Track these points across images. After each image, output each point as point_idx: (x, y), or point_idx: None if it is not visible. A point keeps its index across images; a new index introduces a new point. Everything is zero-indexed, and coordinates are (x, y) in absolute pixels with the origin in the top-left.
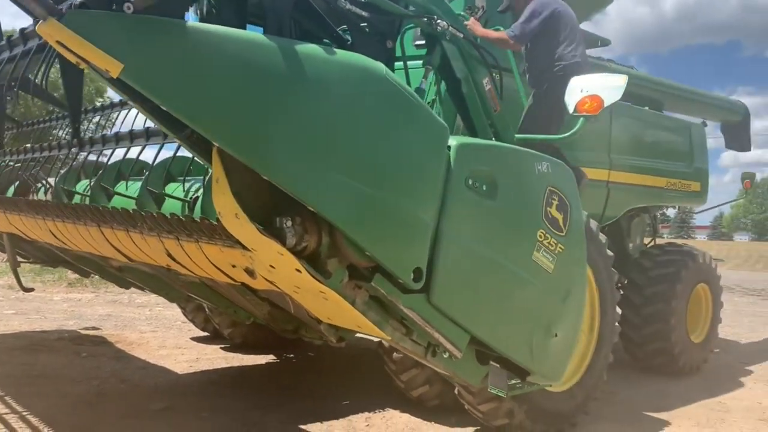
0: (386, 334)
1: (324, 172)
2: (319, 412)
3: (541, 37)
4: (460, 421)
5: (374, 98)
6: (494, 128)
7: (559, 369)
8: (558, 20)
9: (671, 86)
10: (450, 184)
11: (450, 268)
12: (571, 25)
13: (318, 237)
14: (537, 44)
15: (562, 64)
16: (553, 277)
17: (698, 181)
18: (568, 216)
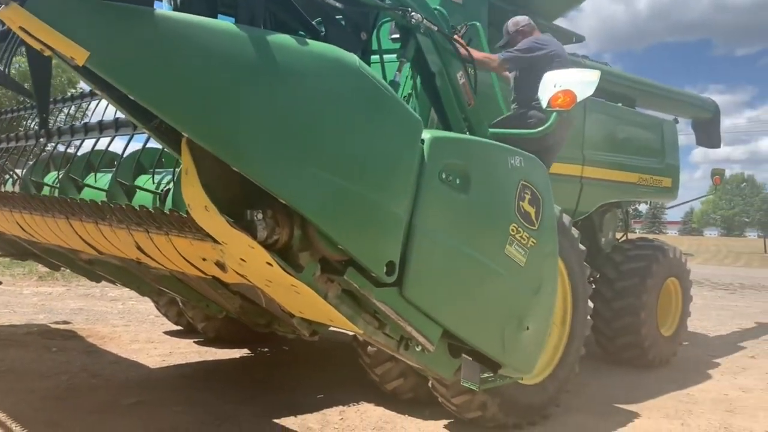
0: (359, 327)
1: (296, 164)
2: (294, 406)
3: (532, 72)
4: (434, 413)
5: (347, 90)
6: (468, 122)
7: (531, 362)
8: (551, 61)
9: (644, 83)
10: (423, 178)
11: (423, 261)
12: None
13: (290, 230)
14: (527, 78)
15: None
16: (525, 271)
17: (669, 177)
18: (541, 210)
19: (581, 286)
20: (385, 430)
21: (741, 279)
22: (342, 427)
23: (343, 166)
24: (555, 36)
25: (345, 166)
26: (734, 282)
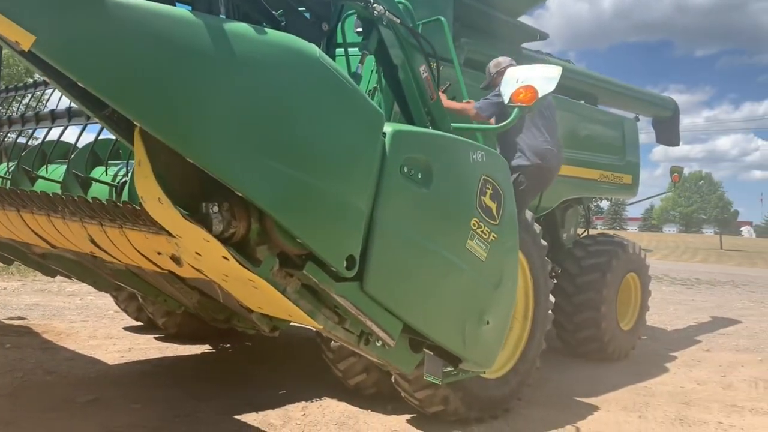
0: (318, 322)
1: (253, 156)
2: (255, 402)
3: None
4: (397, 408)
5: (306, 81)
6: (431, 116)
7: (491, 356)
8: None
9: (606, 81)
10: (385, 171)
11: (384, 255)
12: (547, 115)
13: (247, 223)
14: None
15: (534, 148)
16: (486, 265)
17: (630, 174)
18: (502, 205)
19: (543, 281)
20: (347, 425)
21: (698, 274)
22: (304, 423)
23: (302, 159)
24: (519, 33)
25: (304, 158)
26: (691, 277)
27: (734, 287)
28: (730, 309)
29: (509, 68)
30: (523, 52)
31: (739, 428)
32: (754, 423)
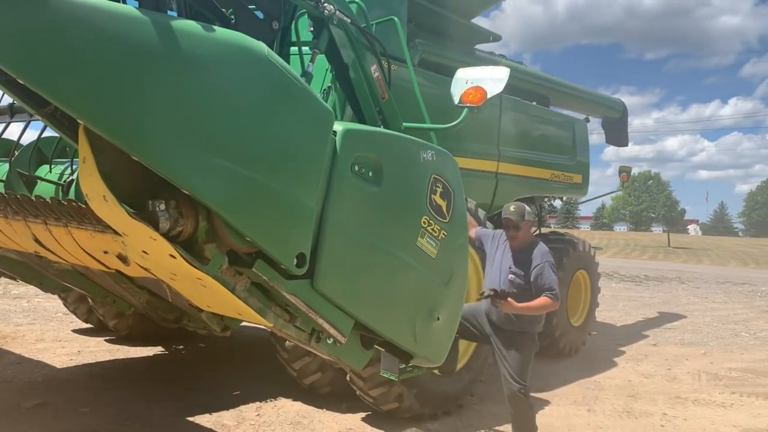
0: (268, 321)
1: (200, 154)
2: (209, 404)
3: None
4: (352, 407)
5: (254, 79)
6: (382, 115)
7: (441, 351)
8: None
9: (557, 83)
10: (335, 170)
11: (334, 253)
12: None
13: (194, 221)
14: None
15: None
16: (436, 263)
17: (580, 173)
18: (452, 203)
19: None
20: (302, 424)
21: (646, 271)
22: (258, 423)
23: (250, 157)
24: (473, 35)
25: (253, 156)
26: (640, 274)
27: (680, 283)
28: (677, 304)
29: (459, 69)
30: (476, 54)
31: (683, 419)
32: (696, 413)
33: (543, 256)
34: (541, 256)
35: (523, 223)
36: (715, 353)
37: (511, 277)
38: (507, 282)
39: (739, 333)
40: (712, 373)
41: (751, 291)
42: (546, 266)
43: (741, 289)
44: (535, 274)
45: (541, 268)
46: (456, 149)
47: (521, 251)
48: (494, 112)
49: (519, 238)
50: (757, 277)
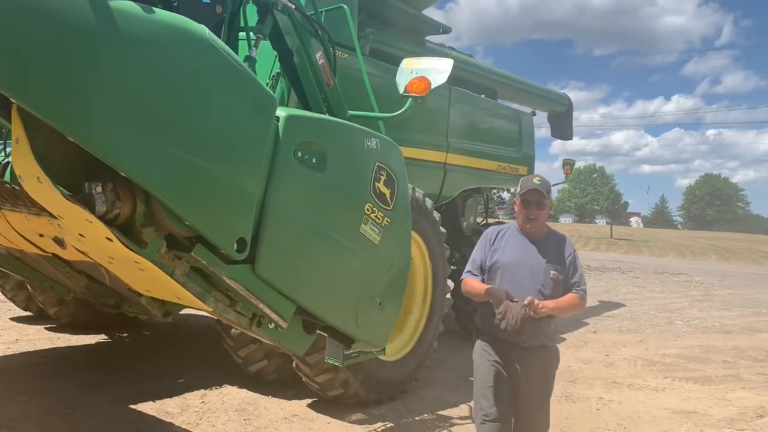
0: (208, 305)
1: (138, 136)
2: (152, 391)
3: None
4: (298, 393)
5: (195, 62)
6: (327, 103)
7: (383, 336)
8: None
9: (505, 76)
10: (278, 156)
11: (276, 238)
12: None
13: (132, 204)
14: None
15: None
16: (379, 249)
17: (525, 165)
18: (395, 191)
19: (441, 266)
20: (247, 411)
21: (589, 261)
22: (203, 411)
23: (190, 140)
24: (423, 26)
25: (192, 139)
26: (583, 264)
27: (621, 273)
28: (617, 293)
29: (404, 60)
30: (426, 45)
31: (618, 402)
32: (631, 397)
33: (569, 244)
34: (569, 243)
35: (548, 200)
36: (651, 340)
37: (554, 274)
38: (550, 282)
39: (673, 321)
40: (647, 359)
41: (687, 281)
42: (577, 256)
43: (677, 279)
44: (568, 265)
45: (574, 257)
46: (406, 139)
47: (542, 240)
48: (443, 104)
49: (540, 220)
50: (692, 267)
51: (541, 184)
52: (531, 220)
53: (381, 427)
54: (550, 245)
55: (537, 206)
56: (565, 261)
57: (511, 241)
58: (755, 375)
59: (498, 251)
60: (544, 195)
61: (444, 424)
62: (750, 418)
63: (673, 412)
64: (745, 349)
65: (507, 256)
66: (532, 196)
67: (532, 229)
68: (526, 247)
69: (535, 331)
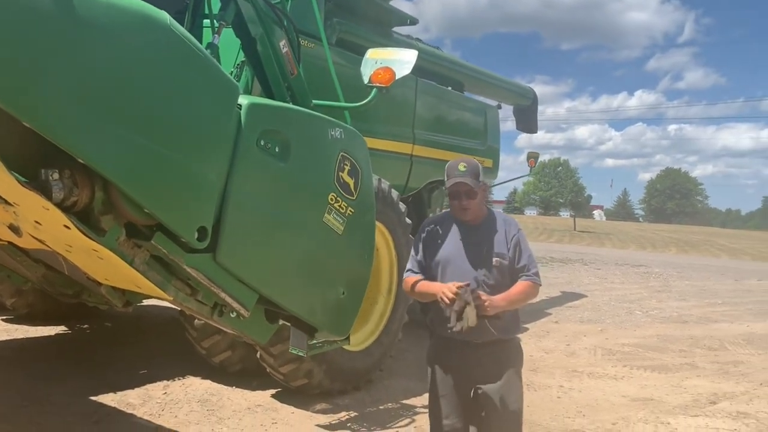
0: (168, 294)
1: (96, 123)
2: (114, 383)
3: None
4: (262, 384)
5: (155, 48)
6: (291, 91)
7: (346, 325)
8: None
9: (471, 69)
10: (240, 144)
11: (238, 227)
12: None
13: (90, 191)
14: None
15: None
16: (342, 239)
17: (491, 158)
18: (360, 181)
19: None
20: (210, 402)
21: (552, 253)
22: (165, 402)
23: (149, 127)
24: (390, 17)
25: (152, 126)
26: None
27: (583, 265)
28: (579, 284)
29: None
30: (394, 36)
31: (578, 390)
32: (591, 385)
33: (514, 224)
34: (513, 224)
35: (479, 187)
36: (611, 330)
37: (496, 261)
38: (492, 270)
39: (633, 311)
40: (607, 348)
41: (646, 272)
42: (522, 236)
43: (637, 270)
44: (513, 249)
45: (519, 238)
46: (372, 131)
47: (480, 226)
48: (410, 95)
49: (473, 209)
50: (652, 259)
51: (467, 171)
52: (464, 211)
53: (345, 416)
54: (489, 229)
55: (467, 195)
56: (508, 244)
57: (448, 233)
58: (710, 363)
59: (435, 245)
60: (471, 187)
61: (408, 413)
62: (703, 405)
63: (630, 400)
64: (700, 339)
65: (445, 250)
66: (460, 187)
67: (467, 217)
68: (463, 236)
69: (483, 326)
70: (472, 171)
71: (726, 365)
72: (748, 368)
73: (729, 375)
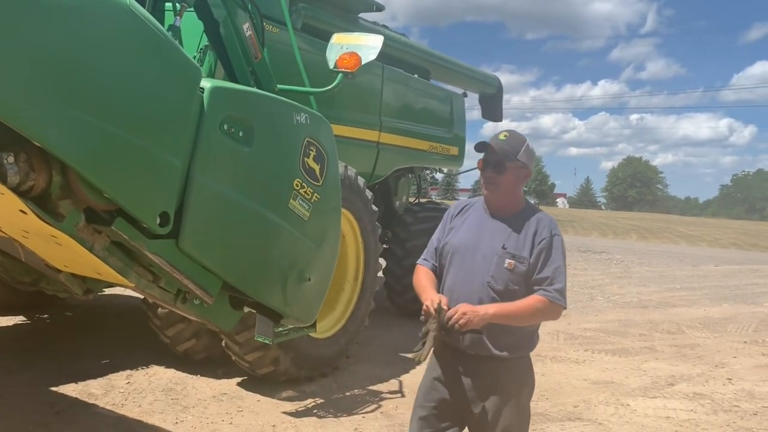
0: (130, 281)
1: (53, 105)
2: (75, 373)
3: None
4: (228, 372)
5: (114, 28)
6: (255, 76)
7: (312, 311)
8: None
9: (437, 57)
10: (203, 128)
11: (201, 213)
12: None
13: (47, 176)
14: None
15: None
16: (308, 224)
17: (456, 146)
18: (325, 167)
19: (373, 244)
20: (175, 390)
21: None
22: (128, 391)
23: (108, 110)
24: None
25: (111, 109)
26: None
27: None
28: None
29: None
30: (360, 23)
31: (540, 374)
32: (553, 369)
33: (551, 227)
34: (547, 225)
35: (511, 163)
36: (573, 315)
37: (510, 263)
38: (504, 274)
39: (595, 297)
40: (569, 333)
41: (608, 259)
42: (557, 243)
43: (599, 257)
44: (537, 254)
45: (550, 244)
46: (339, 117)
47: (509, 218)
48: (376, 83)
49: (503, 188)
50: (614, 246)
51: (507, 141)
52: (489, 186)
53: (311, 403)
54: (517, 225)
55: (494, 168)
56: (532, 247)
57: (471, 218)
58: (668, 347)
59: (452, 231)
60: (506, 155)
61: (374, 398)
62: (662, 386)
63: (592, 383)
64: (659, 323)
65: (459, 236)
66: (490, 155)
67: (492, 199)
68: (484, 225)
69: (478, 336)
70: (513, 144)
71: (683, 348)
72: (704, 351)
73: (686, 357)
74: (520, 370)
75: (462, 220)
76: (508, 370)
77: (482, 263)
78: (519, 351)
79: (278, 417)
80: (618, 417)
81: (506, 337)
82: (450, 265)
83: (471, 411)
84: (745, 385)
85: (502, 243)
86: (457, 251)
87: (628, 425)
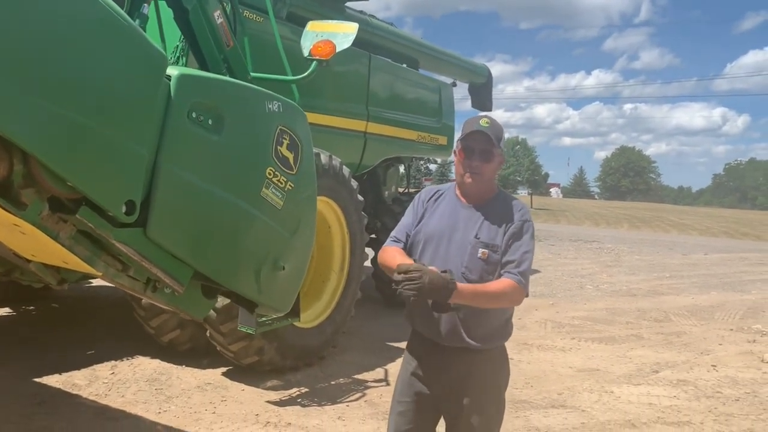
0: (98, 270)
1: (11, 91)
2: (59, 365)
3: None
4: (212, 362)
5: (75, 14)
6: (227, 64)
7: (287, 300)
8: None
9: (426, 46)
10: (170, 116)
11: (169, 201)
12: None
13: (8, 164)
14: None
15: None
16: (282, 213)
17: (445, 135)
18: (300, 156)
19: (359, 234)
20: (159, 381)
21: None
22: (112, 382)
23: (70, 97)
24: None
25: (73, 96)
26: None
27: (538, 241)
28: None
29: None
30: (347, 12)
31: (527, 362)
32: (540, 357)
33: (522, 213)
34: (519, 211)
35: (497, 150)
36: (562, 304)
37: (483, 253)
38: (478, 263)
39: (584, 285)
40: (557, 322)
41: (599, 248)
42: (527, 228)
43: (590, 246)
44: (507, 238)
45: (520, 229)
46: (325, 107)
47: (482, 206)
48: (363, 72)
49: (486, 177)
50: (605, 235)
51: (491, 127)
52: (473, 176)
53: (296, 392)
54: (491, 212)
55: (482, 157)
56: (505, 235)
57: (443, 206)
58: (655, 334)
59: (423, 218)
60: (493, 142)
61: (360, 387)
62: (646, 374)
63: (577, 370)
64: (647, 311)
65: (431, 225)
66: (476, 142)
67: (473, 188)
68: (458, 213)
69: (453, 326)
70: (496, 130)
71: (670, 336)
72: (690, 338)
73: (672, 345)
74: (495, 360)
75: (434, 208)
76: (483, 360)
77: (456, 253)
78: (493, 341)
79: (262, 406)
80: (601, 404)
81: (480, 327)
82: (422, 254)
83: (447, 402)
84: (729, 371)
85: (475, 232)
86: (430, 240)
87: (610, 412)
